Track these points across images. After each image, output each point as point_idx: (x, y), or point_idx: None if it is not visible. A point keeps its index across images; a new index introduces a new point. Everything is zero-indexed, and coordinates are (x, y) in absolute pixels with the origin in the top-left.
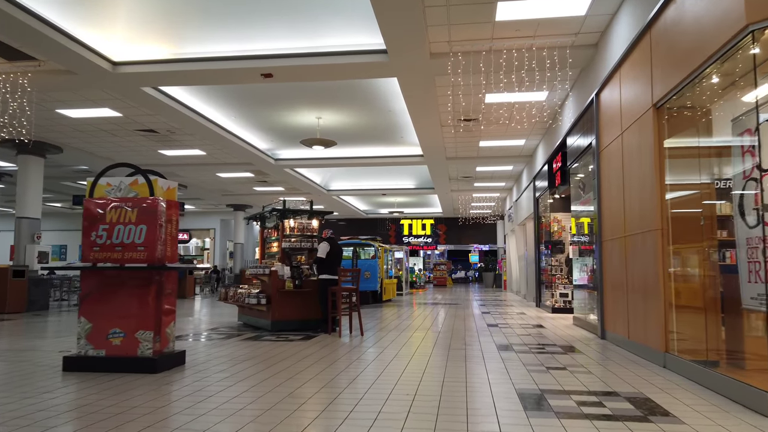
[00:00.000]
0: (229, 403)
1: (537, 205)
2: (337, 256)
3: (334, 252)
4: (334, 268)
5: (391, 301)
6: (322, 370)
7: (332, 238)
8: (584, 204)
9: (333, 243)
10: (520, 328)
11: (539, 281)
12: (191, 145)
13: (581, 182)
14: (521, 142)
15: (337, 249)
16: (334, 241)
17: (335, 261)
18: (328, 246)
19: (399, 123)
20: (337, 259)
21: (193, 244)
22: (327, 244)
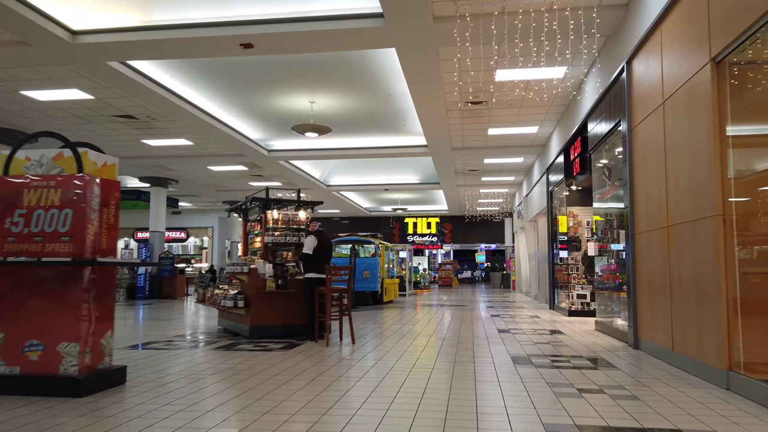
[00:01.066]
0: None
1: (550, 199)
2: (326, 252)
3: (322, 247)
4: (323, 266)
5: (392, 303)
6: (298, 390)
7: (321, 231)
8: (609, 193)
9: (321, 237)
10: (535, 335)
11: (553, 282)
12: (175, 133)
13: (605, 168)
14: (533, 130)
15: (326, 244)
16: (323, 235)
17: (324, 258)
18: (315, 240)
19: (400, 109)
20: (326, 255)
21: (191, 242)
22: (314, 239)
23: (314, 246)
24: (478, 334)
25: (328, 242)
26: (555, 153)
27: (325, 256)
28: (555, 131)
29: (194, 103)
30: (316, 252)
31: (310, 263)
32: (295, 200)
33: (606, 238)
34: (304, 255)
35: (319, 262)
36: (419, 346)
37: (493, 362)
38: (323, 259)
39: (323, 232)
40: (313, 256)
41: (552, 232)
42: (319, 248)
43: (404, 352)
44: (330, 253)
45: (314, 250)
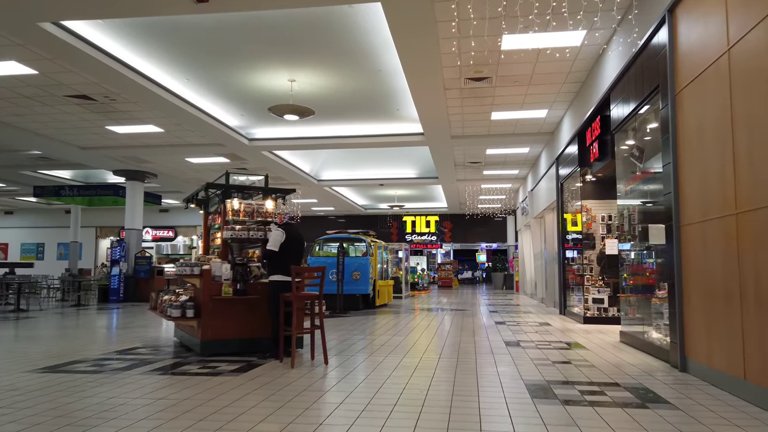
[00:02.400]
0: None
1: (561, 192)
2: (296, 250)
3: (291, 244)
4: (289, 267)
5: (386, 307)
6: None
7: (290, 224)
8: (640, 179)
9: (290, 231)
10: (550, 349)
11: (564, 284)
12: (142, 118)
13: (635, 149)
14: (542, 114)
15: (295, 239)
16: (292, 229)
17: (293, 257)
18: (282, 235)
19: (392, 89)
20: (296, 254)
21: (180, 242)
22: (281, 233)
23: (281, 242)
24: (482, 347)
25: (298, 237)
26: (566, 140)
27: (294, 254)
28: (567, 115)
29: (156, 80)
30: (284, 249)
31: (275, 263)
32: (260, 187)
33: (634, 232)
34: (268, 252)
35: (287, 262)
36: (409, 366)
37: (504, 393)
38: (292, 259)
39: (293, 225)
40: (280, 254)
41: (562, 228)
42: (288, 245)
43: (389, 376)
44: (301, 251)
45: (281, 247)
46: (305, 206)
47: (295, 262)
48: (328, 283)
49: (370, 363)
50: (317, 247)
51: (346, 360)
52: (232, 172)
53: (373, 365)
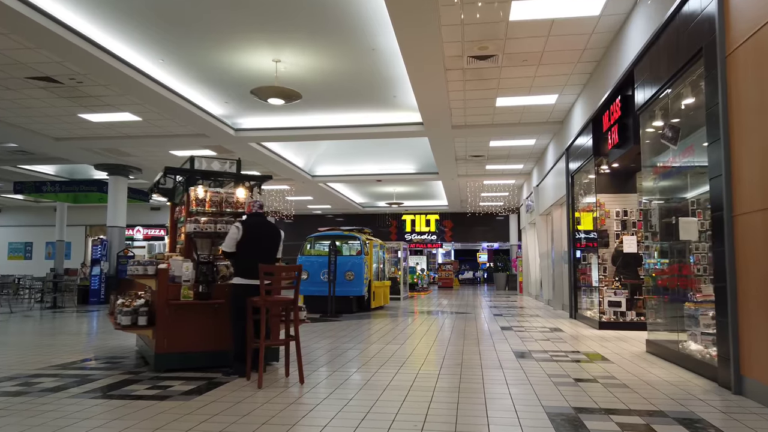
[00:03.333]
0: None
1: (572, 185)
2: (267, 246)
3: (258, 239)
4: (255, 267)
5: (382, 309)
6: None
7: (258, 214)
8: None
9: (253, 225)
10: (569, 362)
11: (575, 285)
12: (115, 104)
13: (667, 129)
14: (552, 100)
15: (265, 233)
16: (257, 221)
17: (262, 254)
18: (238, 231)
19: (389, 73)
20: (266, 250)
21: None
22: (238, 228)
23: (237, 239)
24: (488, 360)
25: (270, 232)
26: (578, 128)
27: (263, 252)
28: (579, 101)
29: (126, 60)
30: (243, 248)
31: (236, 264)
32: (229, 173)
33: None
34: (223, 253)
35: (250, 261)
36: (403, 386)
37: (521, 427)
38: (261, 257)
39: (261, 216)
40: (240, 254)
41: (573, 225)
42: (249, 241)
43: (377, 400)
44: (272, 246)
45: (243, 245)
46: (301, 204)
47: (266, 259)
48: (319, 285)
49: (357, 380)
50: (308, 246)
51: (329, 376)
52: (198, 157)
53: (360, 384)
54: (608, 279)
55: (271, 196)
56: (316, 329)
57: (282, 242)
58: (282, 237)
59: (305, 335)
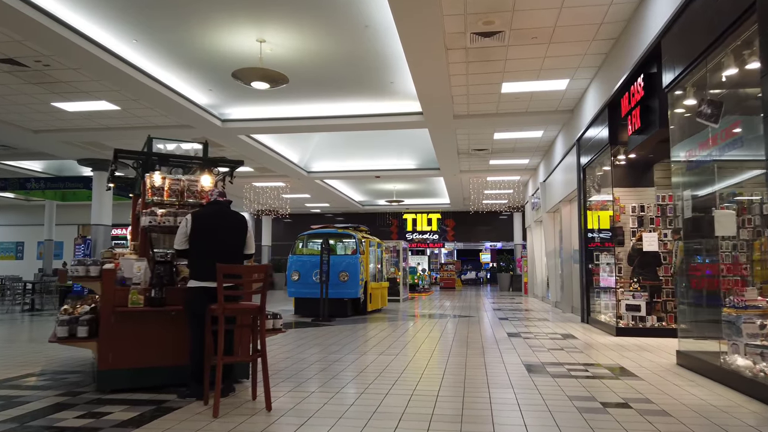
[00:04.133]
0: None
1: (583, 180)
2: (217, 238)
3: (207, 232)
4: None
5: (379, 312)
6: None
7: (217, 203)
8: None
9: (208, 215)
10: (591, 380)
11: (587, 287)
12: (89, 91)
13: (706, 105)
14: (562, 85)
15: (214, 225)
16: (214, 210)
17: (216, 251)
18: (187, 225)
19: (384, 55)
20: (221, 245)
21: None
22: (188, 221)
23: (187, 233)
24: (496, 377)
25: (235, 223)
26: (590, 116)
27: (217, 248)
28: (592, 86)
29: (94, 39)
30: (197, 245)
31: (191, 264)
32: (191, 157)
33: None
34: (176, 253)
35: (206, 260)
36: (393, 412)
37: None
38: (216, 255)
39: (221, 205)
40: (193, 252)
41: (584, 222)
42: (203, 236)
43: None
44: (232, 241)
45: (194, 241)
46: (298, 202)
47: (228, 257)
48: (312, 286)
49: (337, 404)
50: (300, 244)
51: (304, 399)
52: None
53: (340, 411)
54: (624, 280)
55: (266, 193)
56: (305, 335)
57: (250, 236)
58: (250, 229)
59: (291, 343)
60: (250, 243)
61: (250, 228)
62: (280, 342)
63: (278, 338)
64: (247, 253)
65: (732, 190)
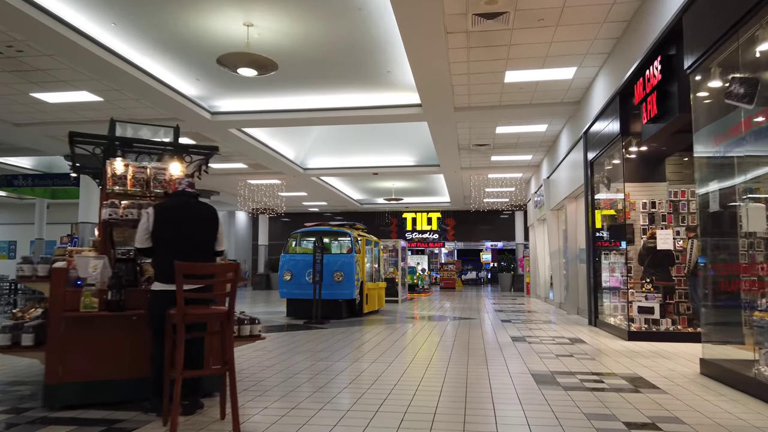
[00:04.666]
0: None
1: (591, 175)
2: (182, 233)
3: (171, 227)
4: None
5: (376, 314)
6: None
7: (184, 193)
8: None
9: (172, 207)
10: (608, 392)
11: (595, 288)
12: (69, 80)
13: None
14: (569, 74)
15: (178, 218)
16: (179, 202)
17: (182, 248)
18: (149, 219)
19: (380, 42)
20: (186, 241)
21: None
22: (150, 215)
23: (149, 228)
24: (502, 389)
25: (191, 216)
26: (599, 107)
27: (183, 244)
28: (601, 74)
29: (69, 22)
30: (161, 240)
31: (155, 263)
32: (159, 142)
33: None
34: (138, 252)
35: (171, 260)
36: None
37: None
38: (181, 252)
39: (188, 196)
40: (156, 249)
41: (592, 218)
42: (166, 231)
43: None
44: (200, 235)
45: (154, 237)
46: (295, 201)
47: (195, 254)
48: (304, 287)
49: (318, 425)
50: (293, 243)
51: (279, 419)
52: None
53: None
54: (635, 280)
55: (261, 190)
56: (295, 340)
57: (222, 231)
58: (221, 224)
59: (277, 348)
60: (222, 238)
61: (221, 221)
62: (266, 347)
63: (264, 343)
64: (218, 249)
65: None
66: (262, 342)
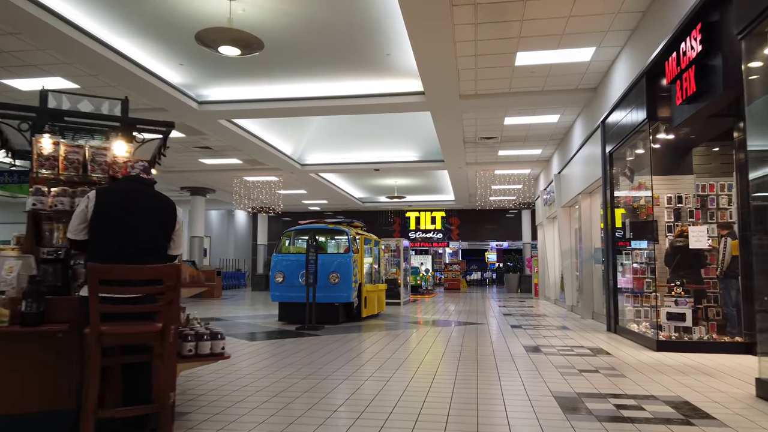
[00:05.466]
0: None
1: (609, 166)
2: (126, 226)
3: (113, 219)
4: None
5: (376, 318)
6: None
7: (135, 179)
8: None
9: (118, 193)
10: (653, 425)
11: (614, 290)
12: (39, 64)
13: None
14: (587, 55)
15: (122, 204)
16: (127, 188)
17: (127, 248)
18: (90, 205)
19: (378, 20)
20: (132, 237)
21: None
22: (91, 200)
23: (88, 215)
24: (521, 421)
25: (141, 207)
26: (620, 91)
27: (129, 242)
28: (624, 53)
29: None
30: (101, 234)
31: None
32: (100, 116)
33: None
34: (71, 242)
35: (110, 259)
36: None
37: None
38: (126, 252)
39: (139, 183)
40: (94, 245)
41: (611, 216)
42: (108, 224)
43: None
44: (150, 231)
45: (92, 229)
46: (294, 199)
47: (144, 255)
48: (298, 289)
49: None
50: (287, 242)
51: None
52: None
53: None
54: (661, 283)
55: (258, 188)
56: (282, 349)
57: (179, 228)
58: (179, 219)
59: (260, 361)
60: (179, 240)
61: (180, 218)
62: (245, 359)
63: (244, 354)
64: (172, 253)
65: None
66: (243, 352)
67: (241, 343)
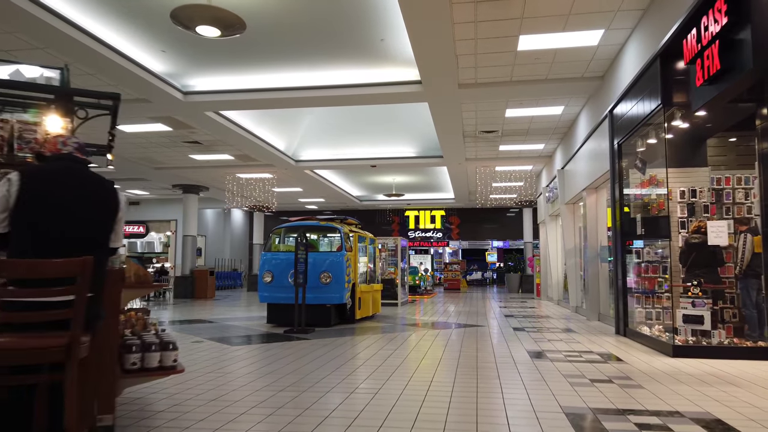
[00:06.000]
0: None
1: (618, 158)
2: (57, 214)
3: (43, 205)
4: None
5: (371, 320)
6: None
7: (68, 157)
8: None
9: (48, 174)
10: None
11: (624, 291)
12: (9, 49)
13: None
14: (595, 38)
15: (56, 191)
16: (59, 168)
17: (57, 241)
18: (12, 189)
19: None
20: (69, 228)
21: (156, 238)
22: (14, 181)
23: (10, 202)
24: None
25: (72, 191)
26: (631, 76)
27: (60, 233)
28: (635, 36)
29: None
30: (25, 224)
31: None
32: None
33: None
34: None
35: (37, 253)
36: None
37: None
38: (56, 245)
39: (73, 162)
40: (17, 238)
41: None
42: (34, 211)
43: None
44: (88, 223)
45: (15, 217)
46: (290, 197)
47: (79, 248)
48: (287, 289)
49: None
50: (276, 240)
51: None
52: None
53: None
54: (676, 283)
55: (251, 185)
56: (264, 356)
57: (120, 219)
58: (121, 209)
59: (237, 370)
60: (120, 230)
61: (123, 206)
62: (219, 367)
63: (224, 360)
64: (112, 246)
65: None
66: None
67: (222, 348)
